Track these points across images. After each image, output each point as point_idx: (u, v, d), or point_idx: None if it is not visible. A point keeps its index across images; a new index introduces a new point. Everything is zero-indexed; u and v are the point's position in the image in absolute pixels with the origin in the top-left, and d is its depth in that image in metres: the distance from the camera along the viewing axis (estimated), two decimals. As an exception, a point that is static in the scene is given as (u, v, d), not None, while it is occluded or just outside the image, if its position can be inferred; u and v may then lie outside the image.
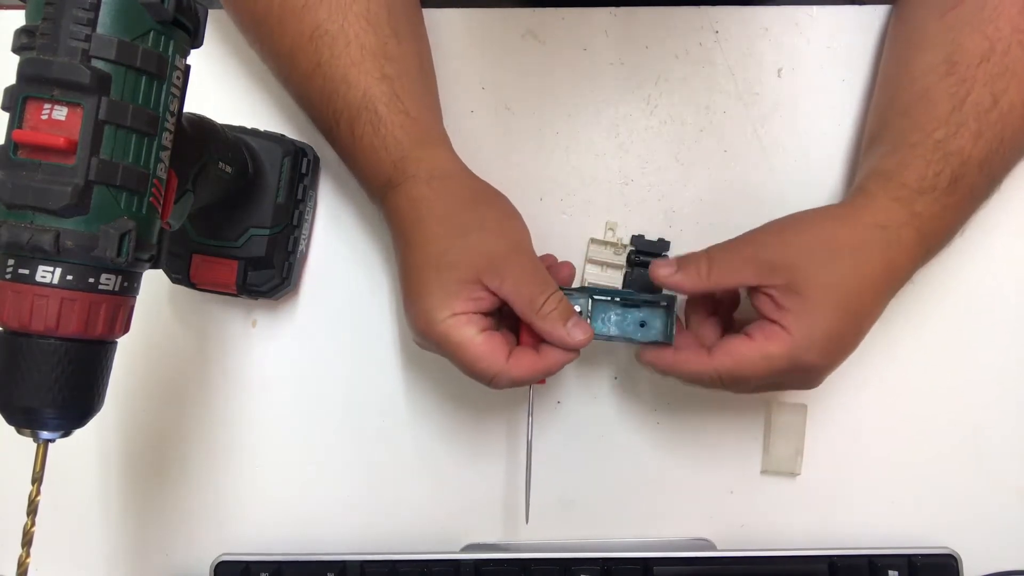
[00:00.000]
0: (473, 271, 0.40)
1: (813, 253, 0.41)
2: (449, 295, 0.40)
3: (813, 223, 0.43)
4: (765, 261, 0.41)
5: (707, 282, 0.42)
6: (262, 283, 0.47)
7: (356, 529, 0.51)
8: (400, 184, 0.43)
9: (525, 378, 0.41)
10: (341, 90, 0.43)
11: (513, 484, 0.51)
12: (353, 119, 0.43)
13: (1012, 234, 0.51)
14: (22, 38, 0.30)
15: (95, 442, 0.51)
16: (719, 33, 0.52)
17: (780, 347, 0.40)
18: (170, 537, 0.51)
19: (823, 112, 0.52)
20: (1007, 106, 0.41)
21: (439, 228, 0.42)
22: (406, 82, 0.44)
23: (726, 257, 0.42)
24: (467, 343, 0.40)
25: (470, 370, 0.41)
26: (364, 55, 0.43)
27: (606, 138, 0.52)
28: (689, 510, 0.51)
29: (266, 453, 0.51)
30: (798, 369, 0.40)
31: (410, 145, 0.43)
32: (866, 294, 0.41)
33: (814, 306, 0.40)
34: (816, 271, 0.40)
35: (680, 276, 0.42)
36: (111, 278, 0.31)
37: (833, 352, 0.41)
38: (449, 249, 0.41)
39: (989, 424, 0.51)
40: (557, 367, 0.42)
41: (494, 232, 0.42)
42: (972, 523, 0.50)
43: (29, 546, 0.33)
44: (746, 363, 0.40)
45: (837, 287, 0.40)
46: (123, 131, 0.30)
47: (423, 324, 0.41)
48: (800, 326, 0.40)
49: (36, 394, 0.30)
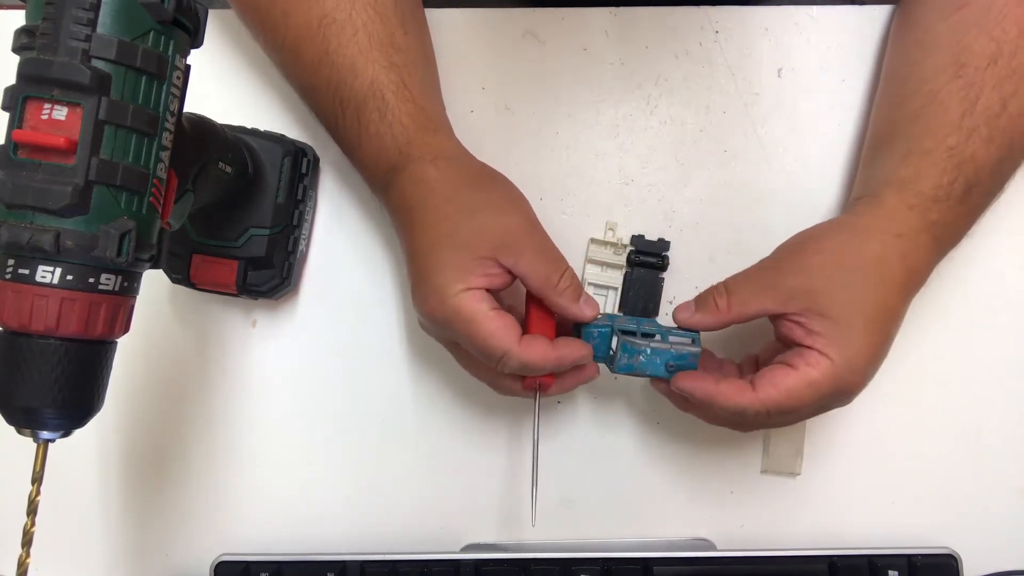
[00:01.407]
0: (488, 248, 0.40)
1: (834, 273, 0.40)
2: (464, 271, 0.39)
3: (829, 241, 0.42)
4: (785, 287, 0.41)
5: (728, 315, 0.41)
6: (262, 283, 0.47)
7: (356, 529, 0.51)
8: (405, 168, 0.43)
9: (535, 362, 0.40)
10: (348, 79, 0.43)
11: (513, 484, 0.51)
12: (360, 107, 0.43)
13: (1012, 235, 0.51)
14: (22, 38, 0.30)
15: (95, 442, 0.51)
16: (719, 33, 0.52)
17: (823, 373, 0.39)
18: (170, 537, 0.51)
19: (823, 112, 0.52)
20: (1016, 110, 0.41)
21: (448, 207, 0.41)
22: (413, 71, 0.44)
23: (745, 287, 0.42)
24: (481, 317, 0.39)
25: (482, 346, 0.39)
26: (372, 44, 0.43)
27: (606, 138, 0.52)
28: (689, 510, 0.51)
29: (266, 453, 0.51)
30: (842, 392, 0.40)
31: (416, 131, 0.43)
32: (891, 304, 0.41)
33: (846, 326, 0.39)
34: (840, 291, 0.40)
35: (699, 315, 0.42)
36: (111, 278, 0.31)
37: (871, 367, 0.40)
38: (461, 226, 0.41)
39: (990, 424, 0.51)
40: (569, 361, 0.41)
41: (504, 210, 0.42)
42: (972, 523, 0.50)
43: (29, 546, 0.33)
44: (795, 394, 0.39)
45: (863, 303, 0.40)
46: (123, 131, 0.30)
47: (435, 301, 0.40)
48: (837, 349, 0.39)
49: (36, 394, 0.30)
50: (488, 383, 0.44)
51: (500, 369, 0.40)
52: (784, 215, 0.51)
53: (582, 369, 0.44)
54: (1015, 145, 0.42)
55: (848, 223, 0.43)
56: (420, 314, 0.42)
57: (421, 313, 0.42)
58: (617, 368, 0.42)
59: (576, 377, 0.44)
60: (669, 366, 0.42)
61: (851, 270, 0.40)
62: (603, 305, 0.51)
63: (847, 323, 0.39)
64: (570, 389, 0.44)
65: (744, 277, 0.42)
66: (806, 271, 0.41)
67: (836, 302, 0.39)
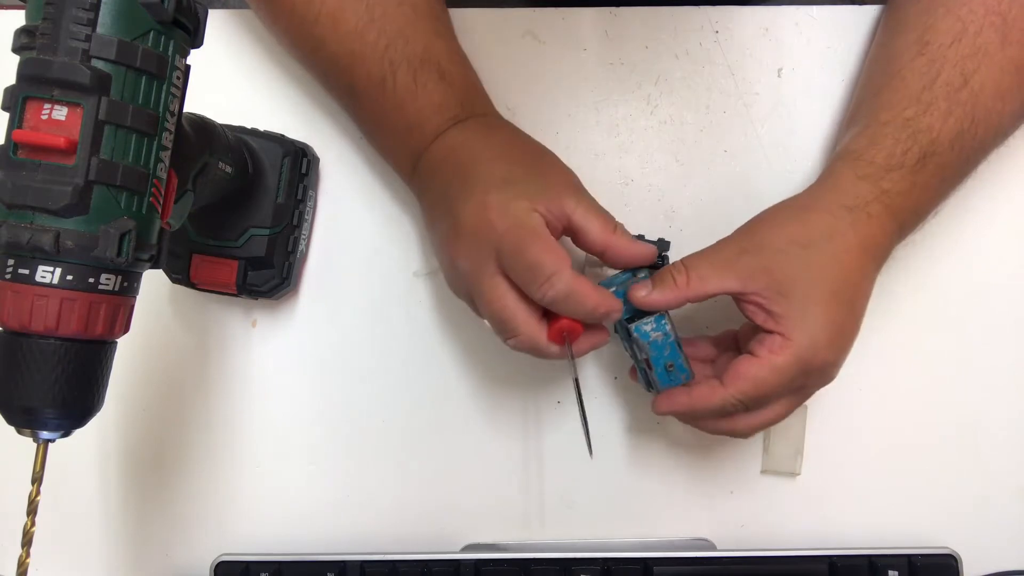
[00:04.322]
0: (559, 187, 0.40)
1: (787, 250, 0.40)
2: (534, 196, 0.39)
3: (782, 217, 0.42)
4: (743, 266, 0.40)
5: (686, 292, 0.40)
6: (262, 283, 0.47)
7: (356, 529, 0.51)
8: (469, 118, 0.44)
9: (581, 291, 0.38)
10: (399, 43, 0.44)
11: (514, 484, 0.51)
12: (417, 68, 0.44)
13: (1010, 234, 0.51)
14: (22, 38, 0.30)
15: (95, 442, 0.51)
16: (719, 33, 0.52)
17: (786, 356, 0.39)
18: (170, 537, 0.51)
19: (824, 112, 0.52)
20: (978, 86, 0.42)
21: (516, 146, 0.43)
22: (456, 42, 0.46)
23: (703, 264, 0.41)
24: (542, 231, 0.38)
25: (537, 259, 0.37)
26: (418, 15, 0.44)
27: (606, 138, 0.52)
28: (689, 510, 0.51)
29: (266, 453, 0.51)
30: (812, 370, 0.40)
31: (475, 92, 0.46)
32: (851, 277, 0.41)
33: (804, 304, 0.39)
34: (795, 268, 0.40)
35: (656, 293, 0.41)
36: (111, 278, 0.31)
37: (838, 342, 0.40)
38: (536, 160, 0.42)
39: (989, 424, 0.51)
40: (605, 308, 0.39)
41: (562, 165, 0.43)
42: (972, 523, 0.50)
43: (29, 546, 0.33)
44: (762, 381, 0.39)
45: (820, 279, 0.40)
46: (123, 131, 0.30)
47: (497, 210, 0.38)
48: (797, 329, 0.39)
49: (36, 394, 0.30)
50: (508, 330, 0.40)
51: (540, 293, 0.38)
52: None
53: (600, 330, 0.42)
54: (977, 119, 0.42)
55: (801, 201, 0.43)
56: (475, 223, 0.39)
57: (479, 220, 0.39)
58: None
59: (595, 337, 0.42)
60: (668, 366, 0.42)
61: (803, 245, 0.40)
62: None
63: (805, 301, 0.39)
64: (586, 351, 0.42)
65: (703, 254, 0.42)
66: (763, 249, 0.41)
67: (792, 280, 0.39)
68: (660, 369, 0.42)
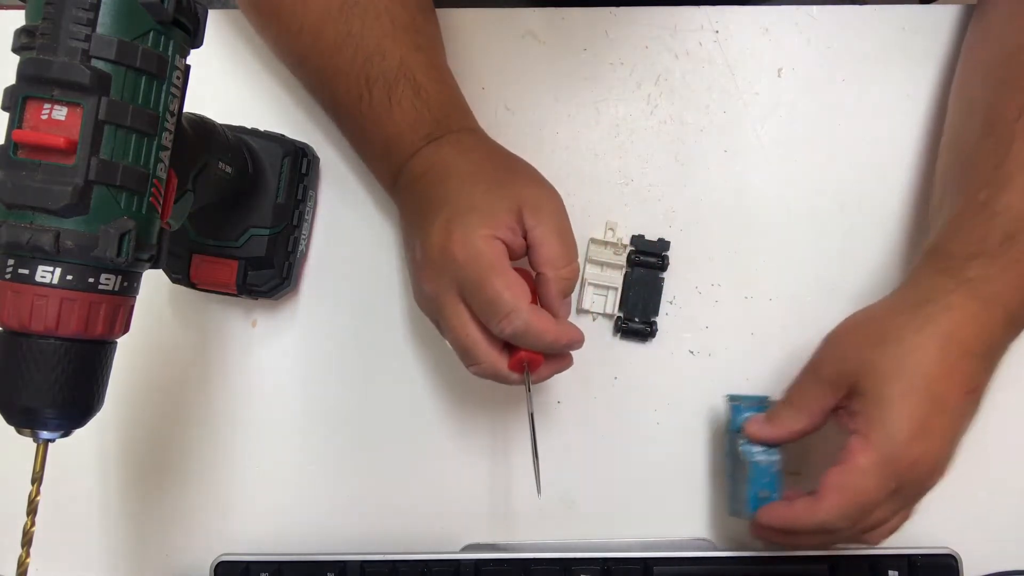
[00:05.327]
0: (519, 200, 0.40)
1: (863, 351, 0.40)
2: (493, 217, 0.39)
3: (858, 322, 0.43)
4: (830, 381, 0.41)
5: (800, 426, 0.42)
6: (262, 283, 0.47)
7: (356, 529, 0.51)
8: (444, 135, 0.43)
9: (538, 328, 0.38)
10: (376, 59, 0.43)
11: (514, 484, 0.51)
12: (391, 85, 0.43)
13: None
14: (22, 38, 0.30)
15: (95, 442, 0.51)
16: (719, 33, 0.52)
17: (868, 455, 0.38)
18: (170, 537, 0.51)
19: (823, 112, 0.52)
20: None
21: (488, 163, 0.43)
22: (436, 55, 0.45)
23: (801, 394, 0.43)
24: (500, 266, 0.38)
25: (493, 296, 0.37)
26: (396, 27, 0.44)
27: (606, 138, 0.52)
28: (689, 510, 0.51)
29: (266, 453, 0.51)
30: (902, 469, 0.39)
31: (450, 108, 0.45)
32: (931, 371, 0.39)
33: (879, 399, 0.39)
34: (870, 367, 0.40)
35: (768, 427, 0.43)
36: (111, 278, 0.31)
37: (924, 437, 0.39)
38: (498, 178, 0.42)
39: (989, 424, 0.50)
40: (565, 340, 0.39)
41: (541, 181, 0.43)
42: (972, 523, 0.50)
43: (29, 546, 0.33)
44: (852, 488, 0.38)
45: (897, 373, 0.39)
46: (123, 131, 0.30)
47: (460, 239, 0.38)
48: (874, 424, 0.39)
49: (36, 394, 0.30)
50: (469, 358, 0.41)
51: (498, 329, 0.38)
52: (784, 215, 0.51)
53: (563, 357, 0.43)
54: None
55: (880, 303, 0.43)
56: (438, 251, 0.39)
57: (441, 249, 0.39)
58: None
59: (557, 364, 0.42)
60: (762, 494, 0.43)
61: (875, 344, 0.40)
62: (603, 305, 0.51)
63: (881, 396, 0.39)
64: (547, 377, 0.43)
65: (799, 384, 0.43)
66: (846, 360, 0.41)
67: (869, 378, 0.39)
68: (753, 494, 0.43)
